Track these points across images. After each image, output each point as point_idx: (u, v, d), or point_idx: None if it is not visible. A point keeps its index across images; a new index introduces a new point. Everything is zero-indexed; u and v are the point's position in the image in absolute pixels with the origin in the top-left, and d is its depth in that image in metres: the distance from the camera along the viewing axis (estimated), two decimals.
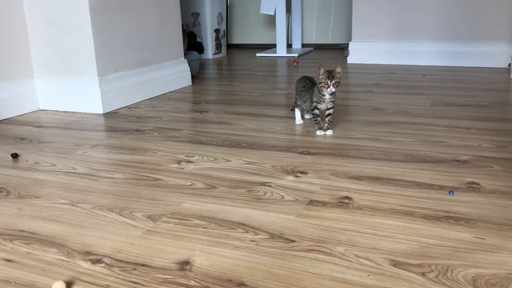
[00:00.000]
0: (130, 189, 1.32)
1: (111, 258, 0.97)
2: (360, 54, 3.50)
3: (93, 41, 2.13)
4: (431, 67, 3.22)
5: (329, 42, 4.51)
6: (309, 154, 1.55)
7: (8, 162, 1.57)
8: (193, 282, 0.88)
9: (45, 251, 1.00)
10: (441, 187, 1.25)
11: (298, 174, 1.37)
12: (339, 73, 1.67)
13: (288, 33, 4.55)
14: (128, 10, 2.33)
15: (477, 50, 3.19)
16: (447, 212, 1.11)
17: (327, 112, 1.75)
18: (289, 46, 4.41)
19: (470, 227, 1.04)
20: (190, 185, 1.33)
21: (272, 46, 4.52)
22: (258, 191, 1.26)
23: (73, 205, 1.23)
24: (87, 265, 0.95)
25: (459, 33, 3.21)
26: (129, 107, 2.29)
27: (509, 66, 3.08)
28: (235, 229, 1.07)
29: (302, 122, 1.91)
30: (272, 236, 1.03)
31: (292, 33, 4.39)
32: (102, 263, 0.95)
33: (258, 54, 4.10)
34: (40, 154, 1.64)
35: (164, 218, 1.13)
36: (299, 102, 1.86)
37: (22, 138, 1.83)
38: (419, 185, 1.27)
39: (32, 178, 1.43)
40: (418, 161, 1.45)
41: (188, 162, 1.51)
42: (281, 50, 4.01)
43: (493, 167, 1.38)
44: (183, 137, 1.79)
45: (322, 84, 1.67)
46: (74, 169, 1.49)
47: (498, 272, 0.87)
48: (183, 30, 2.99)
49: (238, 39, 4.82)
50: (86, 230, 1.09)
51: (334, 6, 4.43)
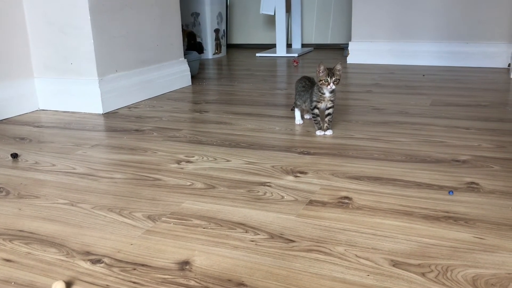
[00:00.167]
0: (130, 189, 1.32)
1: (111, 258, 0.97)
2: (360, 54, 3.50)
3: (92, 41, 2.13)
4: (431, 67, 3.22)
5: (328, 42, 4.51)
6: (308, 154, 1.55)
7: (7, 162, 1.57)
8: (192, 282, 0.88)
9: (44, 251, 1.00)
10: (440, 187, 1.25)
11: (298, 174, 1.37)
12: (339, 70, 1.67)
13: (287, 33, 4.55)
14: (128, 10, 2.33)
15: (476, 50, 3.19)
16: (447, 212, 1.11)
17: (327, 111, 1.75)
18: (288, 46, 4.41)
19: (470, 227, 1.04)
20: (189, 185, 1.33)
21: (271, 46, 4.52)
22: (258, 191, 1.27)
23: (72, 205, 1.23)
24: (87, 265, 0.95)
25: (459, 33, 3.21)
26: (129, 107, 2.29)
27: (508, 66, 3.08)
28: (235, 229, 1.07)
29: (301, 122, 1.91)
30: (271, 236, 1.03)
31: (291, 33, 4.40)
32: (101, 263, 0.95)
33: (257, 54, 4.10)
34: (39, 154, 1.64)
35: (164, 218, 1.13)
36: (299, 102, 1.86)
37: (22, 138, 1.83)
38: (419, 185, 1.27)
39: (31, 178, 1.43)
40: (417, 161, 1.45)
41: (188, 162, 1.51)
42: (280, 50, 4.01)
43: (492, 167, 1.38)
44: (183, 137, 1.79)
45: (322, 81, 1.67)
46: (74, 169, 1.49)
47: (498, 272, 0.87)
48: (183, 30, 2.99)
49: (238, 39, 4.82)
50: (85, 230, 1.09)
51: (334, 6, 4.43)
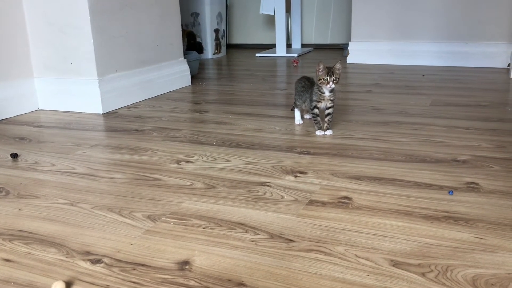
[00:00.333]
0: (130, 189, 1.32)
1: (111, 258, 0.97)
2: (359, 54, 3.50)
3: (92, 41, 2.13)
4: (431, 67, 3.22)
5: (328, 42, 4.51)
6: (308, 154, 1.55)
7: (7, 162, 1.57)
8: (192, 282, 0.88)
9: (44, 251, 1.00)
10: (440, 187, 1.25)
11: (298, 174, 1.37)
12: (339, 69, 1.67)
13: (287, 33, 4.55)
14: (128, 10, 2.32)
15: (476, 50, 3.19)
16: (447, 212, 1.11)
17: (327, 111, 1.75)
18: (288, 46, 4.41)
19: (470, 227, 1.04)
20: (189, 185, 1.33)
21: (271, 46, 4.52)
22: (258, 191, 1.27)
23: (72, 205, 1.23)
24: (87, 265, 0.95)
25: (459, 33, 3.21)
26: (128, 107, 2.29)
27: (508, 66, 3.08)
28: (235, 229, 1.07)
29: (301, 122, 1.91)
30: (271, 236, 1.03)
31: (291, 33, 4.40)
32: (101, 263, 0.95)
33: (257, 54, 4.10)
34: (39, 154, 1.64)
35: (163, 218, 1.13)
36: (299, 102, 1.86)
37: (22, 138, 1.83)
38: (419, 185, 1.27)
39: (31, 178, 1.43)
40: (417, 161, 1.45)
41: (187, 162, 1.51)
42: (280, 50, 4.01)
43: (492, 167, 1.38)
44: (183, 137, 1.79)
45: (322, 80, 1.67)
46: (74, 169, 1.49)
47: (498, 272, 0.87)
48: (183, 30, 2.99)
49: (237, 39, 4.82)
50: (85, 230, 1.09)
51: (334, 6, 4.43)
